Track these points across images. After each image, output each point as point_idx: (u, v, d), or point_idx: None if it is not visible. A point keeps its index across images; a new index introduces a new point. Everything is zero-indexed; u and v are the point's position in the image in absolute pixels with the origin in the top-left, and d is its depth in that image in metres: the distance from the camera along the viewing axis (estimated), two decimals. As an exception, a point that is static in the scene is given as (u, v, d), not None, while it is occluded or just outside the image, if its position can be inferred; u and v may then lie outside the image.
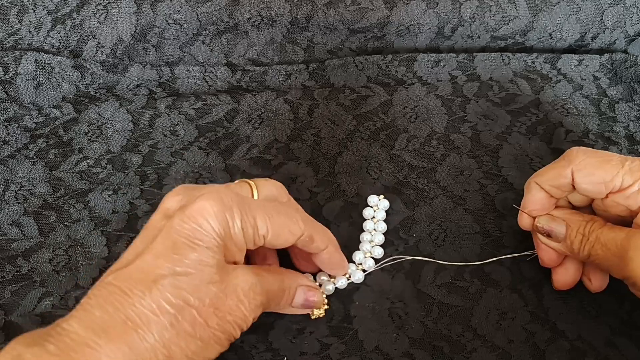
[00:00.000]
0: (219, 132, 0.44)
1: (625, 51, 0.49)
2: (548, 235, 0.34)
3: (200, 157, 0.43)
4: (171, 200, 0.30)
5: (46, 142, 0.44)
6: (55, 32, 0.47)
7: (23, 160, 0.42)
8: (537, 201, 0.34)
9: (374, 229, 0.39)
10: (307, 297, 0.34)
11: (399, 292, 0.36)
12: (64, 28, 0.47)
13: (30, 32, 0.47)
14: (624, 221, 0.33)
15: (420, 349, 0.34)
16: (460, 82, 0.47)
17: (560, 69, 0.47)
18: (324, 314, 0.35)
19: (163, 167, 0.42)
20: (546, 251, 0.35)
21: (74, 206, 0.40)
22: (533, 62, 0.47)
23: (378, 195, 0.40)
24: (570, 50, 0.49)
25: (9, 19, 0.47)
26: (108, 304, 0.27)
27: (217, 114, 0.45)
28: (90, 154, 0.43)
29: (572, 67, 0.47)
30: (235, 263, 0.31)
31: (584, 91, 0.46)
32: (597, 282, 0.35)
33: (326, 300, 0.36)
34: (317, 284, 0.36)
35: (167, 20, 0.47)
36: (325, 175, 0.42)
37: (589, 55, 0.47)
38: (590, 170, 0.32)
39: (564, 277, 0.35)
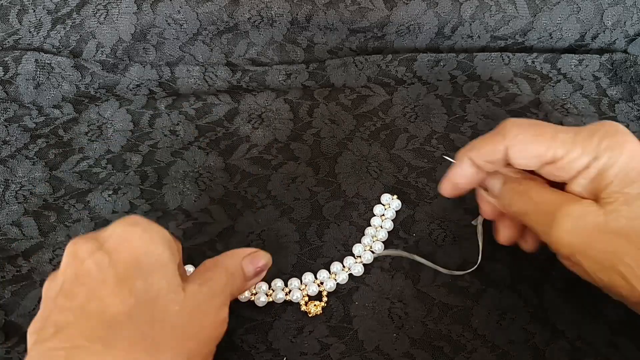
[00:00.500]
0: (219, 132, 0.44)
1: (625, 51, 0.49)
2: (485, 188, 0.35)
3: (200, 157, 0.43)
4: None
5: (46, 142, 0.44)
6: (55, 32, 0.47)
7: (23, 160, 0.42)
8: (466, 176, 0.35)
9: (380, 226, 0.39)
10: (254, 265, 0.33)
11: (398, 292, 0.36)
12: (64, 28, 0.47)
13: (30, 32, 0.47)
14: (560, 187, 0.33)
15: (421, 349, 0.34)
16: (460, 82, 0.47)
17: (560, 68, 0.47)
18: (321, 312, 0.36)
19: (163, 167, 0.42)
20: (485, 203, 0.36)
21: (74, 206, 0.40)
22: (533, 62, 0.47)
23: (392, 194, 0.40)
24: (570, 50, 0.49)
25: (9, 19, 0.47)
26: None
27: (217, 113, 0.45)
28: (90, 154, 0.43)
29: (572, 67, 0.47)
30: None
31: (584, 91, 0.46)
32: (531, 243, 0.35)
33: (325, 299, 0.36)
34: (319, 281, 0.37)
35: (167, 20, 0.47)
36: (326, 175, 0.42)
37: (589, 55, 0.47)
38: (523, 146, 0.31)
39: (504, 232, 0.36)
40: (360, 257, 0.38)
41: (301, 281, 0.37)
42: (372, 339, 0.35)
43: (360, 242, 0.38)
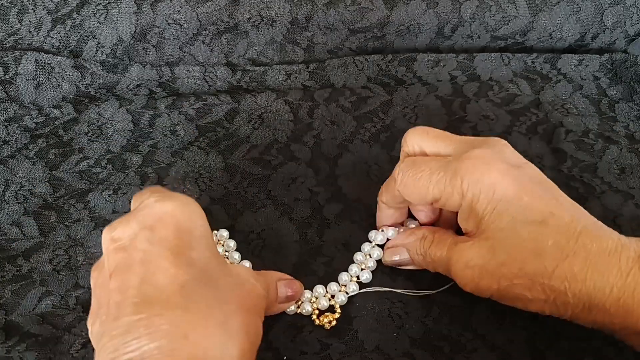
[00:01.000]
0: (219, 132, 0.44)
1: (625, 51, 0.49)
2: (399, 265, 0.37)
3: (200, 157, 0.43)
4: None
5: (46, 142, 0.44)
6: (55, 32, 0.47)
7: (23, 160, 0.42)
8: (388, 217, 0.37)
9: (369, 255, 0.38)
10: (288, 288, 0.35)
11: (398, 293, 0.36)
12: (64, 28, 0.47)
13: (30, 32, 0.47)
14: None
15: (421, 349, 0.34)
16: (460, 82, 0.47)
17: (560, 69, 0.47)
18: (335, 323, 0.36)
19: (163, 167, 0.42)
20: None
21: (74, 206, 0.40)
22: (533, 62, 0.47)
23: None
24: (570, 50, 0.49)
25: (9, 19, 0.47)
26: None
27: (217, 114, 0.45)
28: (90, 154, 0.43)
29: (572, 67, 0.47)
30: None
31: (584, 91, 0.46)
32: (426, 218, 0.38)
33: (338, 312, 0.36)
34: (330, 295, 0.37)
35: (167, 20, 0.47)
36: (326, 177, 0.42)
37: (589, 55, 0.47)
38: (409, 191, 0.33)
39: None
40: (363, 265, 0.38)
41: (312, 293, 0.37)
42: (372, 339, 0.35)
43: (360, 248, 0.38)
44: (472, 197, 0.31)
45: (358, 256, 0.38)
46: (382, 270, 0.38)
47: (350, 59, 0.48)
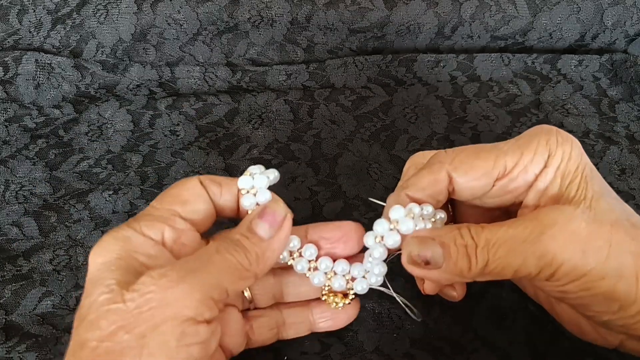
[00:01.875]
0: (219, 132, 0.44)
1: (625, 51, 0.49)
2: (426, 263, 0.27)
3: (200, 157, 0.43)
4: None
5: (46, 142, 0.44)
6: (55, 32, 0.47)
7: (23, 161, 0.42)
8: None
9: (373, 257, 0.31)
10: (268, 221, 0.27)
11: (399, 293, 0.36)
12: (64, 28, 0.47)
13: (30, 32, 0.47)
14: (501, 217, 0.30)
15: (421, 349, 0.34)
16: (460, 83, 0.47)
17: (560, 69, 0.47)
18: (336, 305, 0.31)
19: (163, 167, 0.42)
20: (427, 281, 0.31)
21: (74, 206, 0.40)
22: (533, 63, 0.47)
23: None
24: (570, 50, 0.49)
25: (9, 19, 0.47)
26: None
27: (218, 114, 0.45)
28: (90, 154, 0.43)
29: (572, 67, 0.47)
30: None
31: (584, 91, 0.46)
32: (460, 290, 0.32)
33: (352, 297, 0.31)
34: (351, 276, 0.31)
35: (167, 20, 0.47)
36: (326, 176, 0.42)
37: (589, 55, 0.48)
38: (468, 164, 0.27)
39: (430, 284, 0.31)
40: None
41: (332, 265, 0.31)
42: (372, 340, 0.35)
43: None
44: (562, 154, 0.27)
45: (379, 228, 0.30)
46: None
47: (350, 59, 0.48)
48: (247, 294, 0.32)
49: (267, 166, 0.42)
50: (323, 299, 0.32)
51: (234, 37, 0.48)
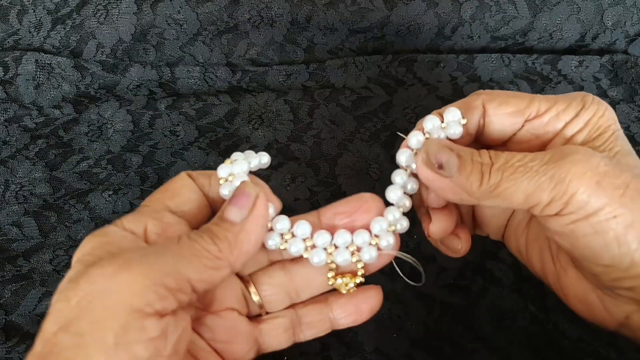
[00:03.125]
0: (219, 133, 0.44)
1: (625, 51, 0.49)
2: (440, 166, 0.26)
3: (200, 158, 0.43)
4: None
5: (46, 142, 0.44)
6: (55, 32, 0.47)
7: (23, 161, 0.42)
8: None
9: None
10: (237, 204, 0.25)
11: (399, 293, 0.36)
12: (64, 28, 0.47)
13: (30, 32, 0.47)
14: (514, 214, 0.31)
15: (421, 350, 0.34)
16: (461, 83, 0.47)
17: (560, 70, 0.47)
18: (347, 289, 0.29)
19: (163, 168, 0.42)
20: (433, 191, 0.29)
21: (74, 206, 0.40)
22: (533, 63, 0.47)
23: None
24: (571, 50, 0.49)
25: (9, 19, 0.47)
26: None
27: (217, 114, 0.45)
28: (90, 154, 0.43)
29: (573, 68, 0.47)
30: None
31: (584, 92, 0.46)
32: (465, 243, 0.31)
33: (362, 272, 0.28)
34: (355, 246, 0.28)
35: (167, 21, 0.47)
36: (326, 176, 0.42)
37: (589, 56, 0.48)
38: (504, 99, 0.27)
39: (439, 223, 0.30)
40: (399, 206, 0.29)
41: (331, 240, 0.28)
42: (372, 340, 0.35)
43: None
44: (596, 109, 0.27)
45: (393, 193, 0.29)
46: (382, 270, 0.37)
47: (350, 60, 0.48)
48: (256, 298, 0.29)
49: (267, 166, 0.42)
50: (330, 283, 0.28)
51: (234, 37, 0.48)
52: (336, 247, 0.28)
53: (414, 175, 0.29)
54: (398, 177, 0.29)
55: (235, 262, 0.25)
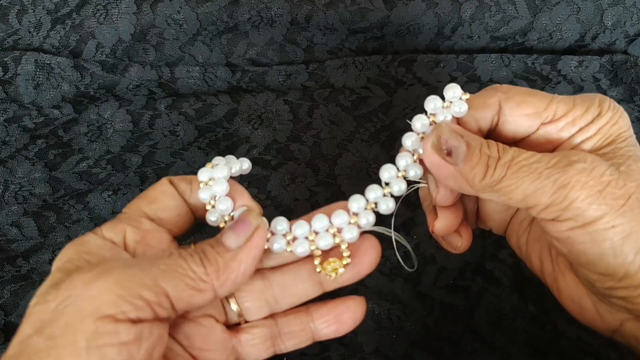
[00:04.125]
0: (219, 133, 0.44)
1: (625, 52, 0.49)
2: (449, 153, 0.26)
3: (200, 158, 0.43)
4: None
5: (46, 142, 0.44)
6: (55, 32, 0.47)
7: (23, 161, 0.42)
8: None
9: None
10: (238, 234, 0.25)
11: (399, 294, 0.36)
12: (64, 28, 0.47)
13: (30, 32, 0.47)
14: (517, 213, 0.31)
15: (421, 350, 0.34)
16: (461, 83, 0.46)
17: (560, 70, 0.47)
18: (336, 272, 0.28)
19: (163, 168, 0.42)
20: (433, 175, 0.28)
21: (73, 207, 0.40)
22: (533, 63, 0.47)
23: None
24: (571, 50, 0.49)
25: (8, 19, 0.47)
26: None
27: (217, 114, 0.45)
28: (90, 155, 0.43)
29: (572, 68, 0.47)
30: None
31: (584, 92, 0.46)
32: (466, 239, 0.30)
33: (347, 254, 0.28)
34: (336, 229, 0.28)
35: (167, 21, 0.46)
36: (325, 176, 0.42)
37: (589, 56, 0.47)
38: (521, 98, 0.27)
39: (444, 220, 0.29)
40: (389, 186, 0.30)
41: (310, 228, 0.28)
42: (371, 341, 0.35)
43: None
44: (610, 117, 0.26)
45: (383, 174, 0.29)
46: (381, 270, 0.37)
47: (350, 60, 0.48)
48: (235, 307, 0.29)
49: (267, 166, 0.42)
50: (318, 270, 0.28)
51: (233, 37, 0.48)
52: (316, 233, 0.28)
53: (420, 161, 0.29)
54: (402, 160, 0.29)
55: (220, 288, 0.24)
